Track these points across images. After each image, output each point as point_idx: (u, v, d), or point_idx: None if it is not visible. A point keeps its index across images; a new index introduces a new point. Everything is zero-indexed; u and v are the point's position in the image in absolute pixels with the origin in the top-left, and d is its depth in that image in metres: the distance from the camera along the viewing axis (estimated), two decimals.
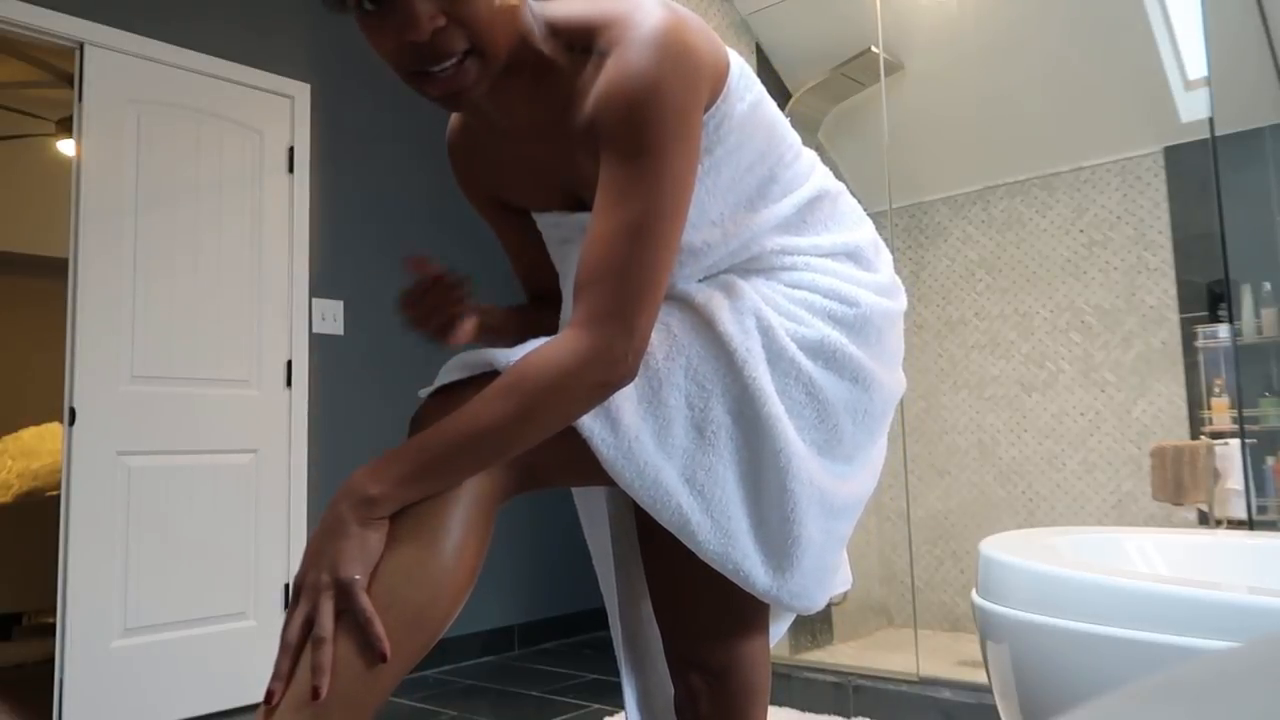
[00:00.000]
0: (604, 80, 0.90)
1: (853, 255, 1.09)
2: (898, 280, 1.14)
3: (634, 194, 0.88)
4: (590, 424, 0.92)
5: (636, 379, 0.95)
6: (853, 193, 1.19)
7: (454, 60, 0.86)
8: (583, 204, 1.05)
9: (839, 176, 1.19)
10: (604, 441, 0.92)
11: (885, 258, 1.15)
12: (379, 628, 0.80)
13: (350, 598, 0.80)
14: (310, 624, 0.80)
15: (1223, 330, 2.99)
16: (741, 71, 1.00)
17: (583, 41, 0.93)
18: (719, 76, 0.96)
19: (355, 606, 0.80)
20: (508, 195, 1.13)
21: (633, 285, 0.87)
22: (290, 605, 0.82)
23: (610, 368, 0.87)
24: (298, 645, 0.80)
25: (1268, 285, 2.89)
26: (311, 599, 0.81)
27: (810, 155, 1.13)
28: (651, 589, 1.18)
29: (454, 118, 1.13)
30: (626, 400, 0.94)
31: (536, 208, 1.11)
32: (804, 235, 1.07)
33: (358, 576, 0.81)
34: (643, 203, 0.88)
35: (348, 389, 3.37)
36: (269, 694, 0.79)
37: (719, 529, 0.96)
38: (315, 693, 0.77)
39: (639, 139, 0.87)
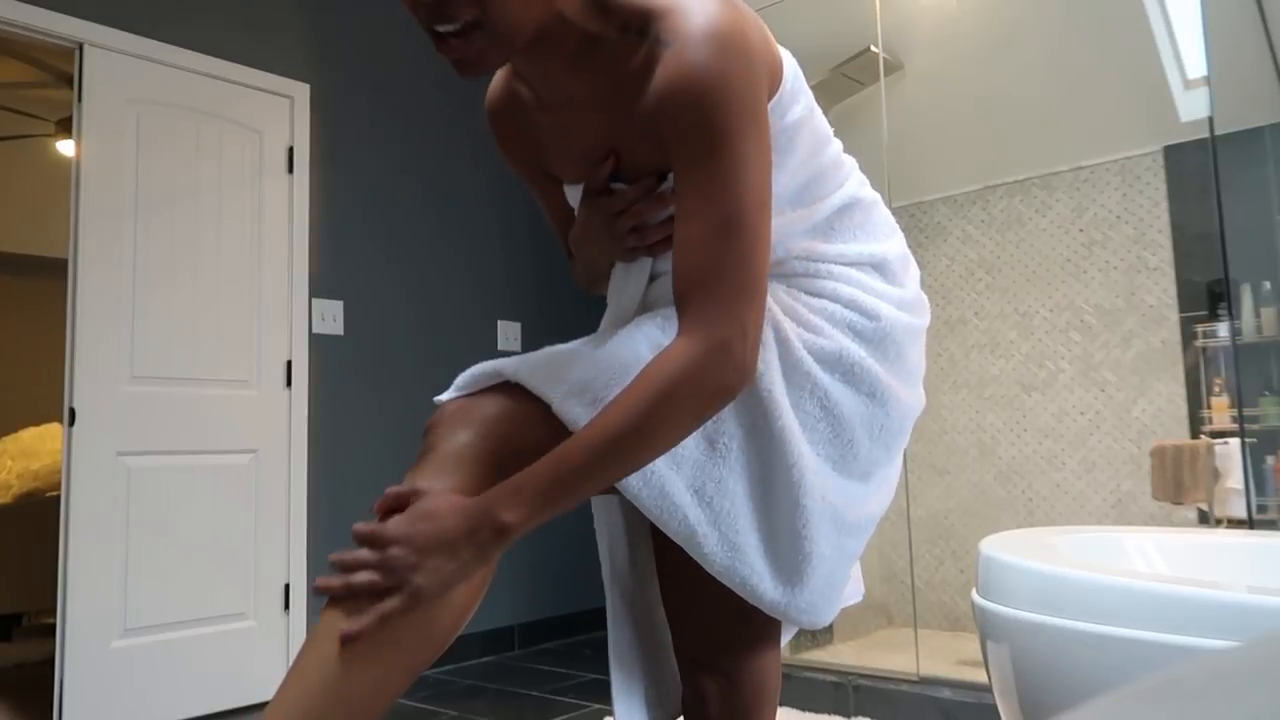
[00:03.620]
0: (667, 76, 0.88)
1: (878, 267, 1.08)
2: (924, 297, 1.13)
3: (718, 194, 0.87)
4: None
5: None
6: None
7: (458, 25, 0.85)
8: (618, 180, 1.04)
9: None
10: None
11: (913, 272, 1.14)
12: (378, 634, 0.81)
13: (410, 608, 0.82)
14: (377, 581, 0.82)
15: (1223, 330, 2.99)
16: (795, 75, 0.99)
17: (636, 23, 0.91)
18: (774, 76, 0.95)
19: (384, 607, 0.82)
20: (547, 164, 1.11)
21: (736, 284, 0.87)
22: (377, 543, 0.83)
23: (731, 372, 0.87)
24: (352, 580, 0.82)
25: (1268, 285, 2.89)
26: (396, 577, 0.81)
27: (849, 162, 1.12)
28: (665, 593, 1.17)
29: (495, 82, 1.10)
30: None
31: (571, 180, 1.10)
32: (831, 242, 1.06)
33: (422, 590, 0.82)
34: (728, 201, 0.87)
35: (348, 389, 3.37)
36: (322, 587, 0.83)
37: (726, 542, 0.95)
38: (344, 636, 0.80)
39: (713, 137, 0.87)
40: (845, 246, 1.06)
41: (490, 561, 0.86)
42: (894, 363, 1.05)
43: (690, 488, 0.94)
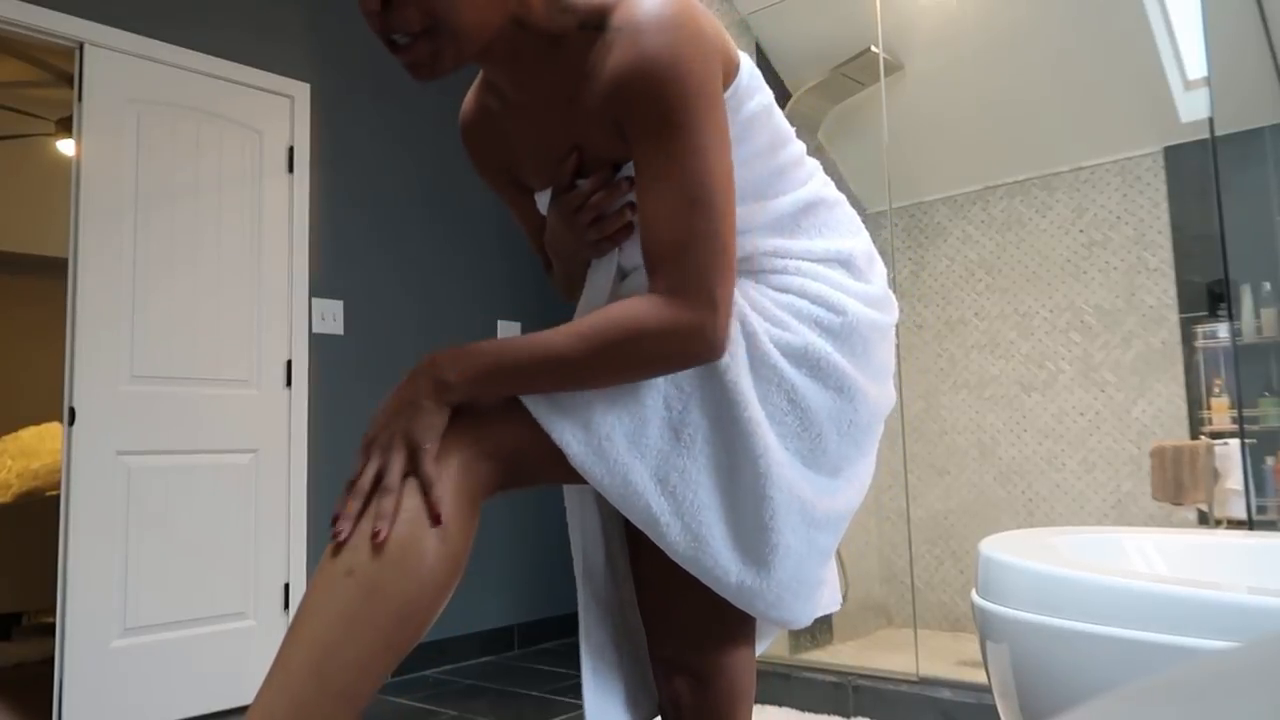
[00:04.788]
0: (621, 62, 0.90)
1: (844, 263, 1.09)
2: (890, 294, 1.14)
3: (682, 172, 0.90)
4: (561, 423, 0.92)
5: None
6: (852, 192, 1.20)
7: (409, 34, 0.88)
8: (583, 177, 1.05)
9: (839, 176, 1.20)
10: (574, 439, 0.92)
11: (879, 269, 1.15)
12: (438, 491, 0.85)
13: (419, 463, 0.86)
14: (380, 478, 0.87)
15: (1222, 330, 2.99)
16: (752, 73, 1.01)
17: (594, 20, 0.94)
18: (728, 63, 0.97)
19: (421, 471, 0.86)
20: (518, 173, 1.13)
21: (707, 258, 0.89)
22: (360, 460, 0.89)
23: (699, 343, 0.90)
24: (369, 493, 0.86)
25: (1268, 285, 2.89)
26: (384, 456, 0.87)
27: (812, 164, 1.13)
28: (640, 592, 1.17)
29: (468, 98, 1.13)
30: (599, 398, 0.94)
31: (540, 186, 1.11)
32: (796, 239, 1.07)
33: (428, 446, 0.87)
34: (688, 176, 0.90)
35: (348, 389, 3.37)
36: (337, 531, 0.84)
37: (689, 531, 0.95)
38: (376, 535, 0.83)
39: (669, 116, 0.89)
40: (811, 243, 1.07)
41: (441, 409, 0.89)
42: (861, 358, 1.05)
43: (654, 477, 0.94)
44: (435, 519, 0.84)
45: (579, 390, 0.93)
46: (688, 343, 0.89)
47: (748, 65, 1.01)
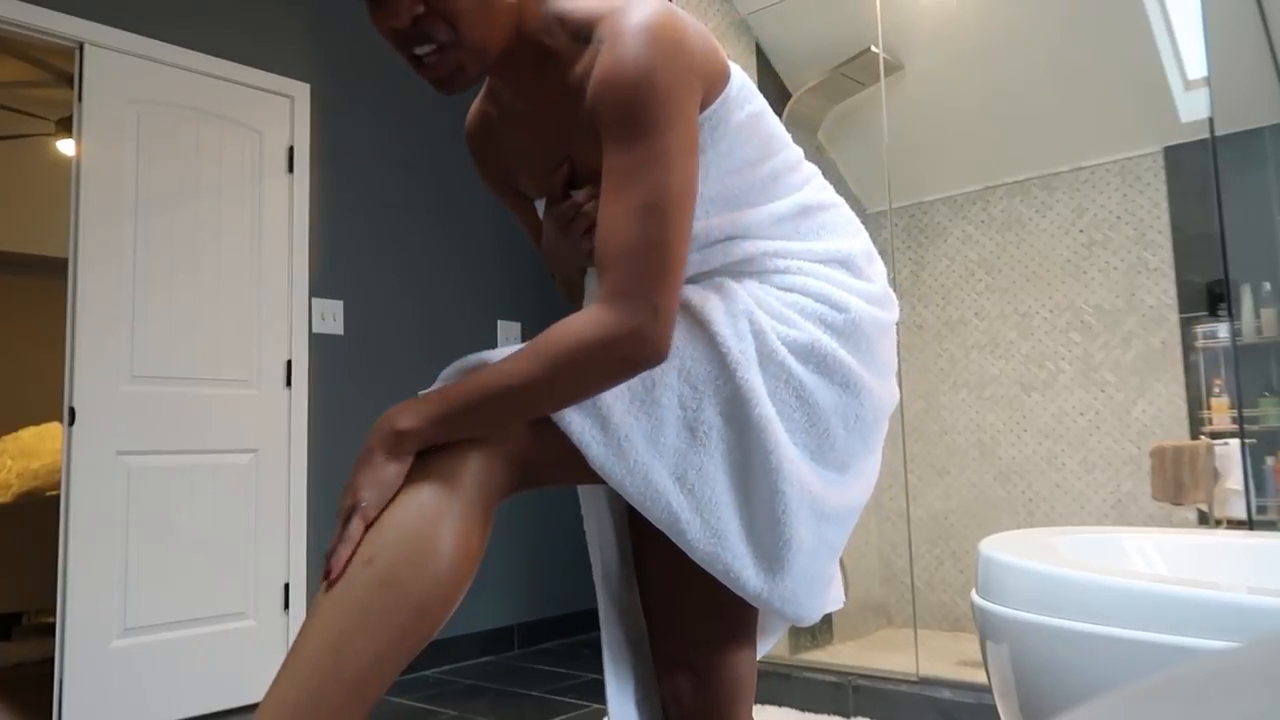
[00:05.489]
0: (598, 69, 0.93)
1: (845, 263, 1.11)
2: (890, 292, 1.15)
3: (637, 177, 0.91)
4: (580, 424, 0.93)
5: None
6: (852, 193, 1.20)
7: (434, 47, 0.93)
8: (576, 188, 1.08)
9: (839, 177, 1.20)
10: (594, 440, 0.93)
11: (879, 268, 1.16)
12: (344, 552, 0.86)
13: (349, 519, 0.88)
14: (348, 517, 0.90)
15: (1222, 330, 2.99)
16: (743, 83, 1.03)
17: (584, 32, 0.97)
18: (714, 75, 0.99)
19: (348, 527, 0.87)
20: (518, 182, 1.16)
21: (651, 264, 0.90)
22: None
23: (639, 347, 0.90)
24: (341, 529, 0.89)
25: (1268, 285, 2.89)
26: (340, 505, 0.90)
27: (810, 169, 1.15)
28: (643, 589, 1.18)
29: (473, 109, 1.16)
30: (617, 400, 0.95)
31: (536, 194, 1.14)
32: (795, 241, 1.09)
33: (363, 503, 0.88)
34: (646, 184, 0.91)
35: (348, 389, 3.37)
36: (328, 571, 0.88)
37: (708, 528, 0.97)
38: (328, 574, 0.87)
39: (634, 123, 0.91)
40: (811, 245, 1.09)
41: (401, 461, 0.89)
42: (865, 355, 1.07)
43: (672, 475, 0.96)
44: (326, 574, 0.85)
45: (540, 415, 0.93)
46: (626, 348, 0.89)
47: (739, 76, 1.03)
